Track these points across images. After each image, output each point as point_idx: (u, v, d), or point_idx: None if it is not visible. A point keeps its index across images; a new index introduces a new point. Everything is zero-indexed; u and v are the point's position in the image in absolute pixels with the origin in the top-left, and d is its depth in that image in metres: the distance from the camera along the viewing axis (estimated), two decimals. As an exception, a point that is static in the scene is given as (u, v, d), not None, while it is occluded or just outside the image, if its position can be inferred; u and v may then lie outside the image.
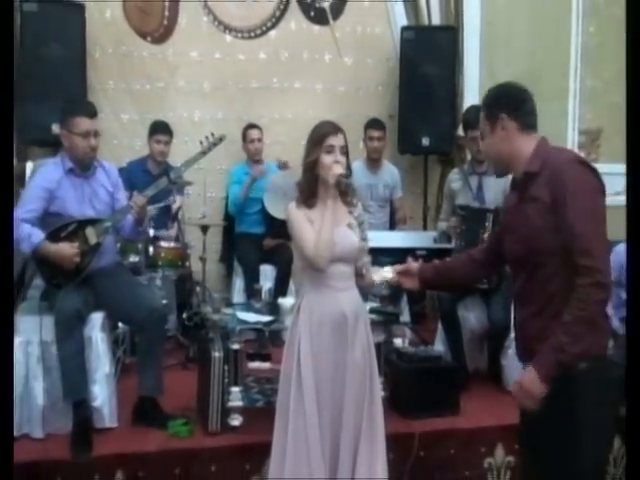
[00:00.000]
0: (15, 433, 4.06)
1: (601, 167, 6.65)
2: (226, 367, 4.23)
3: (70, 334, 4.13)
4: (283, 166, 6.18)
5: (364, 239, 3.48)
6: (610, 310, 5.36)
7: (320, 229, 3.37)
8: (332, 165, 3.40)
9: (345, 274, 3.48)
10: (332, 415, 3.40)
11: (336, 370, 3.43)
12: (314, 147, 3.45)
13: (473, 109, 5.54)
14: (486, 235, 4.89)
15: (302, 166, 3.53)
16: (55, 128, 4.91)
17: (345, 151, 3.47)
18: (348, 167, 3.49)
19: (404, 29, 6.62)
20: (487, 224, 4.93)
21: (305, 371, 3.39)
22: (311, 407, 3.36)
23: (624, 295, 5.45)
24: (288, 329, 3.62)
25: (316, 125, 3.54)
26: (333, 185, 3.39)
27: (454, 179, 5.43)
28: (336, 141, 3.45)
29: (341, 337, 3.44)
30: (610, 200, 6.48)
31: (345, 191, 3.46)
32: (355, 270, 3.51)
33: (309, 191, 3.46)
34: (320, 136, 3.46)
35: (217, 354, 4.24)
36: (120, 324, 4.97)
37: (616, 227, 5.89)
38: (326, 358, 3.42)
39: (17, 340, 4.20)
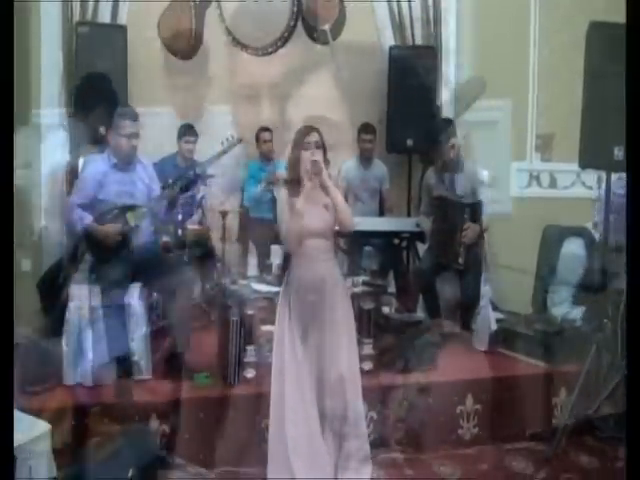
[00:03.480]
0: (70, 382, 4.19)
1: (554, 165, 6.78)
2: (242, 329, 4.29)
3: (113, 301, 4.21)
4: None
5: None
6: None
7: (290, 219, 3.44)
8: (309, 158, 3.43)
9: (322, 247, 3.56)
10: (318, 360, 3.51)
11: (320, 326, 3.52)
12: (295, 146, 3.50)
13: (442, 123, 5.56)
14: (465, 225, 4.87)
15: (287, 163, 3.57)
16: (103, 130, 4.95)
17: (319, 145, 3.49)
18: (325, 158, 3.52)
19: (392, 48, 6.62)
20: (465, 216, 4.91)
21: (296, 326, 3.50)
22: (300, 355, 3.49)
23: (570, 291, 5.46)
24: (280, 294, 3.69)
25: (296, 130, 3.59)
26: (310, 169, 3.41)
27: (430, 176, 5.45)
28: (311, 138, 3.49)
29: (320, 299, 3.52)
30: (561, 193, 6.55)
31: (318, 173, 3.42)
32: None
33: (295, 182, 3.50)
34: (298, 137, 3.52)
35: (235, 318, 4.29)
36: (154, 293, 5.03)
37: (565, 217, 5.96)
38: (308, 316, 3.52)
39: (72, 305, 4.29)
